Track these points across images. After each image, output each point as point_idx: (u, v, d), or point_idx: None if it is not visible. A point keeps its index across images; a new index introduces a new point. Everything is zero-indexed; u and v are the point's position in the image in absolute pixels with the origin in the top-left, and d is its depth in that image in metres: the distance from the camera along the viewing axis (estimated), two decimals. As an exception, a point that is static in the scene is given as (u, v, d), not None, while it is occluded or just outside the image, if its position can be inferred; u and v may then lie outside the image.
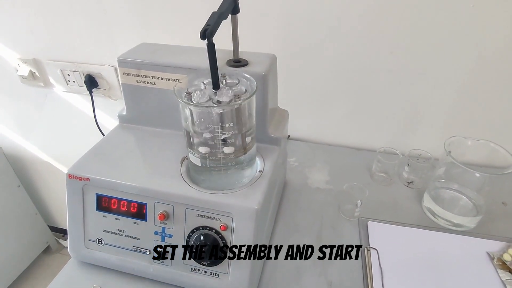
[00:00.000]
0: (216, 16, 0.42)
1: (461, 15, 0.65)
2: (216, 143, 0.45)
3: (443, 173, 0.65)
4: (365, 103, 0.81)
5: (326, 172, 0.78)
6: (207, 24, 0.40)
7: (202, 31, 0.40)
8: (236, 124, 0.44)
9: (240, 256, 0.47)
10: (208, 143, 0.45)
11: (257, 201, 0.46)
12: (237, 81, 0.46)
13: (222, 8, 0.44)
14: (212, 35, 0.40)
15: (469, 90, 0.73)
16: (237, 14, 0.49)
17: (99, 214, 0.52)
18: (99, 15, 0.84)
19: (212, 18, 0.41)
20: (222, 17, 0.43)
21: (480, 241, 0.60)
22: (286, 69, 0.77)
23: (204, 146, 0.45)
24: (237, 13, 0.48)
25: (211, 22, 0.41)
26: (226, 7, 0.44)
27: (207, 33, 0.39)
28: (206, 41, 0.40)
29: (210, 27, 0.40)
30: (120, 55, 0.56)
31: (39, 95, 1.06)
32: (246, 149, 0.48)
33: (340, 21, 0.71)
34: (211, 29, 0.40)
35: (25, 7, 0.88)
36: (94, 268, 0.56)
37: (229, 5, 0.45)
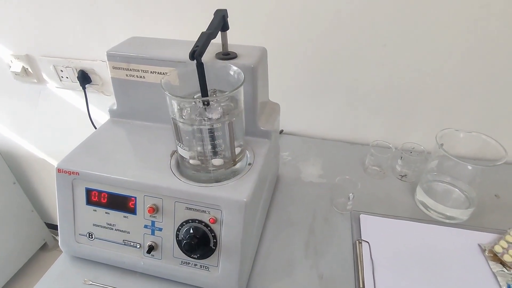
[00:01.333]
0: (205, 37, 0.42)
1: (452, 8, 0.64)
2: (207, 158, 0.46)
3: (436, 166, 0.65)
4: (358, 97, 0.81)
5: (319, 166, 0.78)
6: (196, 45, 0.41)
7: (191, 53, 0.40)
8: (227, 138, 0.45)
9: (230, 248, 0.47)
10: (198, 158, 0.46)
11: (246, 193, 0.45)
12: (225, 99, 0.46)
13: (211, 27, 0.44)
14: (201, 56, 0.40)
15: (461, 83, 0.73)
16: (226, 31, 0.49)
17: (89, 208, 0.52)
18: (91, 10, 0.84)
19: (201, 39, 0.42)
20: (211, 37, 0.43)
21: (472, 233, 0.60)
22: (279, 63, 0.76)
23: (195, 160, 0.47)
24: (226, 30, 0.49)
25: (199, 43, 0.41)
26: (215, 27, 0.45)
27: (195, 54, 0.40)
28: (196, 61, 0.40)
29: (199, 48, 0.40)
30: (108, 49, 0.56)
31: (33, 92, 1.06)
32: (236, 161, 0.49)
33: (333, 14, 0.70)
34: (200, 50, 0.40)
35: (16, 3, 0.87)
36: (85, 263, 0.56)
37: (217, 24, 0.46)
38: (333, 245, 0.59)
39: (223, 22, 0.47)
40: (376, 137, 0.78)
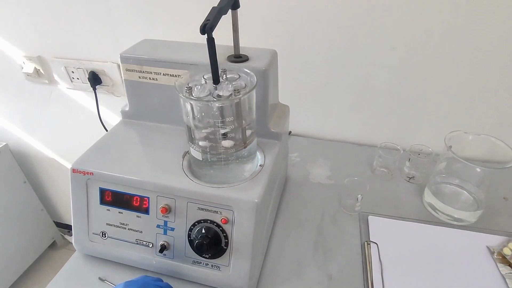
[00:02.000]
0: (215, 11, 0.42)
1: (461, 11, 0.65)
2: (216, 137, 0.45)
3: (444, 168, 0.65)
4: (367, 99, 0.81)
5: (327, 167, 0.79)
6: (207, 19, 0.41)
7: (202, 26, 0.40)
8: (236, 118, 0.44)
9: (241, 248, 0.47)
10: (209, 138, 0.45)
11: (257, 194, 0.46)
12: (237, 76, 0.47)
13: (222, 3, 0.44)
14: (212, 30, 0.40)
15: (469, 85, 0.73)
16: (237, 9, 0.49)
17: (102, 208, 0.53)
18: (102, 12, 0.85)
19: (212, 13, 0.42)
20: (221, 12, 0.43)
21: (481, 236, 0.61)
22: (287, 65, 0.77)
23: (205, 141, 0.46)
24: (237, 8, 0.49)
25: (210, 17, 0.41)
26: (226, 2, 0.44)
27: (206, 28, 0.40)
28: (206, 35, 0.40)
29: (210, 22, 0.40)
30: (122, 51, 0.57)
31: (44, 92, 1.07)
32: (246, 144, 0.48)
33: (342, 17, 0.71)
34: (211, 23, 0.40)
35: (29, 5, 0.89)
36: (98, 261, 0.57)
37: (228, 0, 0.45)
38: (342, 246, 0.60)
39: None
40: (384, 139, 0.78)
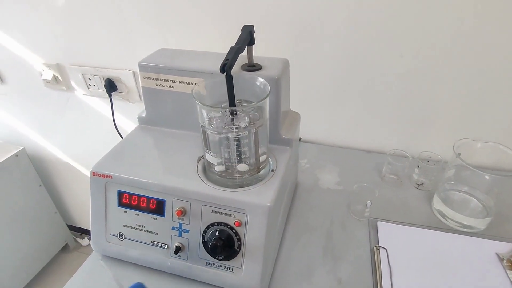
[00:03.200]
0: (234, 51, 0.46)
1: (469, 18, 0.66)
2: (232, 164, 0.49)
3: (453, 175, 0.66)
4: (376, 106, 0.83)
5: (336, 173, 0.80)
6: (226, 59, 0.44)
7: (222, 66, 0.43)
8: (252, 146, 0.48)
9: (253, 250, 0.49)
10: (225, 164, 0.50)
11: (270, 198, 0.48)
12: (251, 109, 0.49)
13: (239, 42, 0.48)
14: (231, 69, 0.44)
15: (478, 93, 0.74)
16: (252, 45, 0.52)
17: (120, 210, 0.55)
18: (119, 22, 0.88)
19: (231, 52, 0.45)
20: (239, 51, 0.47)
21: (490, 243, 0.61)
22: (298, 73, 0.79)
23: (220, 165, 0.50)
24: (252, 44, 0.52)
25: (229, 56, 0.44)
26: (242, 41, 0.48)
27: (226, 67, 0.43)
28: (225, 74, 0.44)
29: (229, 61, 0.43)
30: (140, 60, 0.59)
31: (61, 98, 1.11)
32: (260, 169, 0.52)
33: (351, 26, 0.73)
34: (230, 63, 0.44)
35: (50, 15, 0.93)
36: (114, 262, 0.59)
37: (245, 39, 0.49)
38: (351, 251, 0.61)
39: (250, 37, 0.50)
40: (393, 146, 0.79)
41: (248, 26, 0.50)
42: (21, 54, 1.04)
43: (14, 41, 1.02)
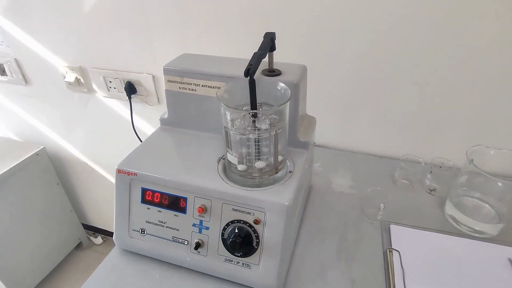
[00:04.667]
0: (257, 57, 0.48)
1: (483, 26, 0.68)
2: (252, 164, 0.51)
3: (465, 181, 0.67)
4: (389, 113, 0.84)
5: (349, 177, 0.82)
6: (250, 64, 0.47)
7: (246, 70, 0.46)
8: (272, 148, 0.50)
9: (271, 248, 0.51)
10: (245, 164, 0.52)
11: (288, 198, 0.50)
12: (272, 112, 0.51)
13: (262, 48, 0.50)
14: (254, 73, 0.46)
15: (492, 99, 0.75)
16: (273, 51, 0.55)
17: (143, 206, 0.57)
18: (141, 28, 0.92)
19: (254, 58, 0.48)
20: (262, 57, 0.49)
21: (503, 248, 0.62)
22: (314, 79, 0.81)
23: (242, 165, 0.52)
24: (273, 50, 0.54)
25: (253, 62, 0.47)
26: (265, 47, 0.51)
27: (250, 72, 0.46)
28: (249, 78, 0.46)
29: (253, 66, 0.46)
30: (164, 64, 0.62)
31: (82, 100, 1.15)
32: (278, 169, 0.54)
33: (367, 34, 0.75)
34: (253, 68, 0.46)
35: (74, 21, 0.97)
36: (136, 256, 0.61)
37: (267, 45, 0.52)
38: (364, 253, 0.62)
39: (271, 43, 0.52)
40: (406, 151, 0.81)
41: (270, 33, 0.53)
42: (46, 57, 1.09)
43: (39, 45, 1.07)
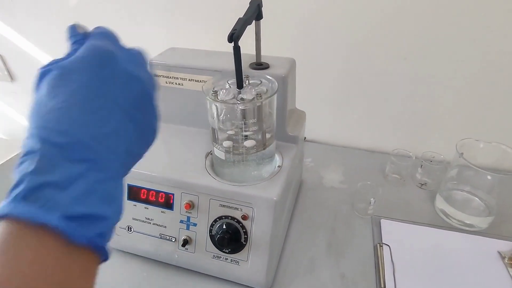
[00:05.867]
0: (242, 22, 0.46)
1: (471, 20, 0.67)
2: (238, 138, 0.49)
3: (455, 174, 0.67)
4: (379, 107, 0.84)
5: (340, 172, 0.81)
6: (234, 29, 0.44)
7: (230, 35, 0.44)
8: (257, 120, 0.48)
9: (259, 243, 0.50)
10: (232, 138, 0.49)
11: (276, 193, 0.49)
12: (259, 81, 0.50)
13: (247, 14, 0.48)
14: (238, 39, 0.44)
15: (481, 93, 0.75)
16: (260, 20, 0.53)
17: (129, 203, 0.56)
18: (127, 22, 0.90)
19: (238, 23, 0.46)
20: (247, 22, 0.47)
21: (492, 241, 0.62)
22: (303, 73, 0.80)
23: (228, 141, 0.49)
24: (260, 19, 0.53)
25: (237, 27, 0.45)
26: (250, 14, 0.48)
27: (234, 37, 0.43)
28: (233, 43, 0.44)
29: (237, 31, 0.44)
30: (151, 58, 0.61)
31: (70, 97, 1.13)
32: (266, 145, 0.52)
33: (356, 28, 0.75)
34: (237, 33, 0.44)
35: (60, 14, 0.95)
36: (123, 255, 0.60)
37: (253, 12, 0.49)
38: (354, 247, 0.62)
39: (258, 11, 0.50)
40: (396, 146, 0.80)
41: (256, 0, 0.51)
42: (31, 52, 1.06)
43: (24, 39, 1.04)
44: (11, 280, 0.17)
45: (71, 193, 0.20)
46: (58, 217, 0.19)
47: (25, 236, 0.19)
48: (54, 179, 0.20)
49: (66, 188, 0.20)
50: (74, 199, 0.20)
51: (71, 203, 0.20)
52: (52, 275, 0.19)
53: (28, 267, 0.18)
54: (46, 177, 0.20)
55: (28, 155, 0.22)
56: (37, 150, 0.21)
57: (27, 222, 0.19)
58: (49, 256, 0.19)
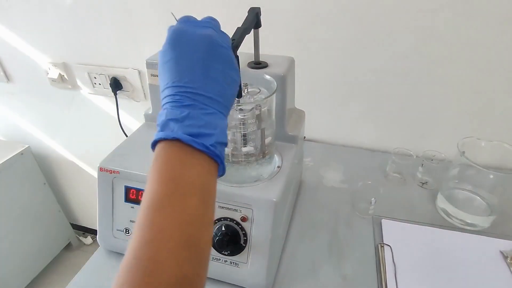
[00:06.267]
0: (240, 31, 0.45)
1: (475, 19, 0.66)
2: (238, 146, 0.49)
3: (457, 173, 0.66)
4: (379, 105, 0.83)
5: (340, 172, 0.80)
6: (232, 39, 0.44)
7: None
8: (257, 129, 0.48)
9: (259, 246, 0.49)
10: (231, 146, 0.49)
11: (275, 194, 0.48)
12: (258, 90, 0.49)
13: (246, 24, 0.47)
14: (237, 48, 0.43)
15: (482, 91, 0.74)
16: (258, 28, 0.52)
17: (127, 205, 0.55)
18: (125, 21, 0.89)
19: (237, 33, 0.45)
20: (245, 32, 0.46)
21: (494, 240, 0.61)
22: (302, 72, 0.80)
23: (226, 148, 0.49)
24: (259, 27, 0.52)
25: (235, 36, 0.44)
26: (249, 23, 0.48)
27: (232, 47, 0.43)
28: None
29: (235, 41, 0.43)
30: (147, 57, 0.60)
31: (67, 97, 1.12)
32: (266, 153, 0.51)
33: (357, 26, 0.74)
34: (236, 43, 0.43)
35: (56, 14, 0.94)
36: (121, 257, 0.59)
37: (251, 21, 0.49)
38: (356, 248, 0.61)
39: (256, 19, 0.50)
40: (397, 144, 0.80)
41: (255, 8, 0.49)
42: (27, 53, 1.05)
43: (20, 40, 1.03)
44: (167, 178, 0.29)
45: (187, 123, 0.30)
46: (182, 133, 0.30)
47: (171, 148, 0.30)
48: (175, 117, 0.31)
49: (182, 121, 0.30)
50: (188, 126, 0.30)
51: (188, 127, 0.30)
52: (189, 173, 0.30)
53: (174, 166, 0.30)
54: (171, 116, 0.31)
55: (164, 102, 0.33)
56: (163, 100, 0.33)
57: (169, 141, 0.30)
58: (178, 155, 0.30)
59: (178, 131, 0.30)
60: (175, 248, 0.26)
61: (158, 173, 0.29)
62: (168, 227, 0.26)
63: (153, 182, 0.29)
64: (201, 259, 0.28)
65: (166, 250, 0.26)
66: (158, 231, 0.26)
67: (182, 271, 0.25)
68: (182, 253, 0.26)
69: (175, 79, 0.32)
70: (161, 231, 0.26)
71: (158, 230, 0.26)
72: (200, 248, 0.28)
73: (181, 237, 0.27)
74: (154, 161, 0.31)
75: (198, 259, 0.27)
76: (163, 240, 0.26)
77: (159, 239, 0.26)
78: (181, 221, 0.27)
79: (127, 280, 0.25)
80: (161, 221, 0.27)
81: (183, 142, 0.30)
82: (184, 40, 0.33)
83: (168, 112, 0.31)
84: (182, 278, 0.25)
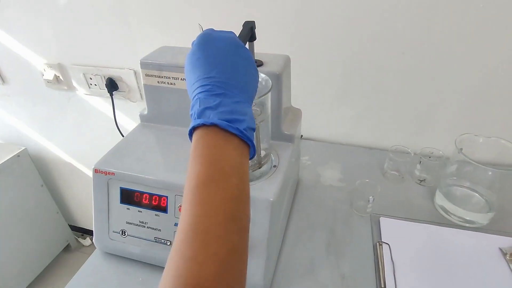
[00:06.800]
0: None
1: (471, 16, 0.66)
2: None
3: (455, 170, 0.66)
4: (377, 103, 0.83)
5: (338, 170, 0.80)
6: None
7: None
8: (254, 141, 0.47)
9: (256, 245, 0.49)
10: None
11: (272, 193, 0.48)
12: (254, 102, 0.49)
13: (241, 37, 0.47)
14: None
15: (479, 88, 0.74)
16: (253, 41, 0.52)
17: (122, 207, 0.55)
18: (120, 21, 0.89)
19: None
20: None
21: (493, 237, 0.61)
22: (299, 70, 0.79)
23: None
24: (253, 40, 0.51)
25: None
26: (243, 37, 0.47)
27: None
28: None
29: None
30: (142, 57, 0.59)
31: (63, 98, 1.11)
32: (261, 164, 0.51)
33: (353, 23, 0.73)
34: None
35: (50, 15, 0.93)
36: (117, 259, 0.59)
37: (246, 35, 0.48)
38: (354, 247, 0.61)
39: (251, 33, 0.50)
40: (394, 142, 0.79)
41: (249, 22, 0.50)
42: (22, 55, 1.04)
43: (15, 42, 1.03)
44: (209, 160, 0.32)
45: (220, 110, 0.33)
46: (217, 119, 0.32)
47: (209, 134, 0.33)
48: (209, 105, 0.33)
49: (216, 108, 0.33)
50: (221, 113, 0.33)
51: (221, 113, 0.33)
52: (228, 156, 0.32)
53: (213, 151, 0.32)
54: (205, 105, 0.33)
55: (198, 92, 0.35)
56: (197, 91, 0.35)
57: (206, 128, 0.33)
58: (216, 140, 0.32)
59: (214, 117, 0.32)
60: (224, 221, 0.29)
61: (200, 156, 0.32)
62: (215, 203, 0.30)
63: (197, 164, 0.32)
64: (245, 230, 0.31)
65: (217, 223, 0.29)
66: (208, 207, 0.29)
67: (232, 241, 0.29)
68: (230, 225, 0.29)
69: (206, 72, 0.35)
70: (210, 207, 0.29)
71: (207, 206, 0.29)
72: (243, 221, 0.31)
73: (227, 211, 0.30)
74: (194, 146, 0.34)
75: (242, 230, 0.31)
76: (213, 214, 0.29)
77: (210, 213, 0.29)
78: (225, 197, 0.30)
79: (186, 251, 0.27)
80: (209, 198, 0.30)
81: (220, 127, 0.32)
82: (212, 40, 0.37)
83: (201, 101, 0.34)
84: (232, 248, 0.28)
